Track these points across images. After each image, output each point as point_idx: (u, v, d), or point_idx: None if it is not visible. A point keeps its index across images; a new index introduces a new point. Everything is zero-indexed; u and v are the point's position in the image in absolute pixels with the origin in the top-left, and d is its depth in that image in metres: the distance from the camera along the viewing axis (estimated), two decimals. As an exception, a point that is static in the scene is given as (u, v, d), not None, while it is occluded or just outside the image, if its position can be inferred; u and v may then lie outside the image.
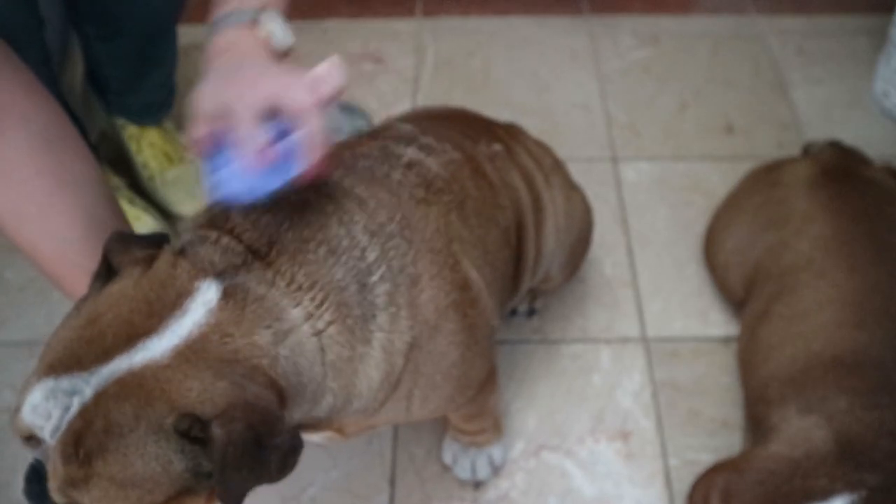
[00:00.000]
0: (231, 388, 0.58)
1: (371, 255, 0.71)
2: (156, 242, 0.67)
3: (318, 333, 0.66)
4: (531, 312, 1.29)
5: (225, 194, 0.67)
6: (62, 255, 0.82)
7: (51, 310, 1.32)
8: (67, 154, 0.84)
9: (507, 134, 1.08)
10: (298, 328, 0.65)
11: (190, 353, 0.59)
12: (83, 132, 1.31)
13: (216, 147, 0.68)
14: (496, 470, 1.12)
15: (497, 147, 1.00)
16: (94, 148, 1.41)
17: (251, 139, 0.65)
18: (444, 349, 0.76)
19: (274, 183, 0.66)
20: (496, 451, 1.11)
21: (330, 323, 0.67)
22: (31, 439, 0.60)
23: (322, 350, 0.66)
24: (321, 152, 0.66)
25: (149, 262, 0.64)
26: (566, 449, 1.16)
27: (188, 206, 1.44)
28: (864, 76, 1.72)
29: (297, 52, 0.78)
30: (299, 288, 0.66)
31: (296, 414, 0.66)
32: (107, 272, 0.65)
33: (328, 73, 0.67)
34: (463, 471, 1.11)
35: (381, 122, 1.03)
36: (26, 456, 0.66)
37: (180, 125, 1.56)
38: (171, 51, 1.34)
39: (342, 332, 0.67)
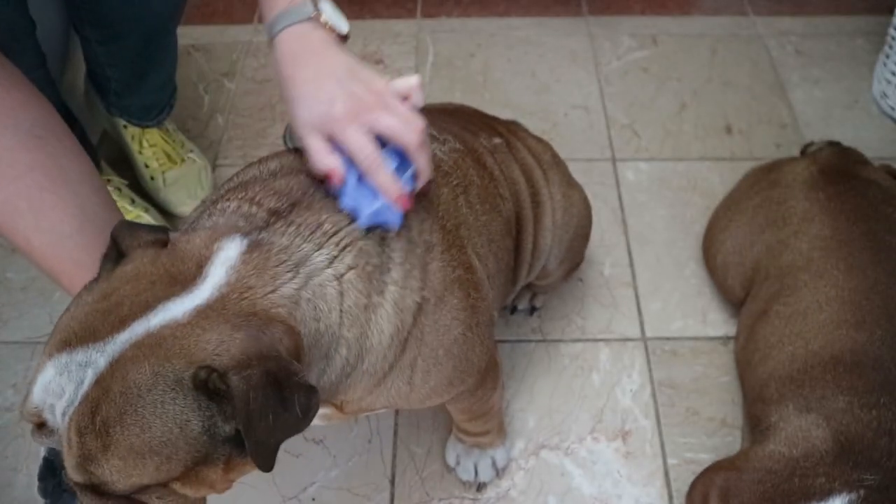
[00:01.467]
0: (247, 339, 0.59)
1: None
2: (161, 230, 0.68)
3: (339, 277, 0.68)
4: (532, 310, 1.30)
5: (377, 222, 0.72)
6: (57, 250, 0.83)
7: (52, 310, 1.33)
8: (58, 150, 0.85)
9: (507, 130, 1.10)
10: (322, 271, 0.67)
11: (209, 310, 0.60)
12: (84, 133, 1.31)
13: (350, 180, 0.73)
14: (499, 472, 1.12)
15: (497, 140, 1.02)
16: (96, 148, 1.41)
17: (392, 186, 0.72)
18: (448, 323, 0.77)
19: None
20: (499, 454, 1.11)
21: (350, 268, 0.69)
22: (42, 427, 0.60)
23: (341, 294, 0.68)
24: (427, 180, 0.76)
25: (159, 245, 0.65)
26: (566, 448, 1.16)
27: (189, 206, 1.44)
28: (863, 77, 1.72)
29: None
30: (324, 234, 0.69)
31: (310, 375, 0.67)
32: (116, 255, 0.66)
33: (416, 97, 0.75)
34: (465, 472, 1.11)
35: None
36: (26, 456, 0.66)
37: (181, 125, 1.57)
38: (171, 52, 1.34)
39: (360, 278, 0.69)
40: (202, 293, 0.61)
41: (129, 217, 1.33)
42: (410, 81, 0.75)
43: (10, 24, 1.00)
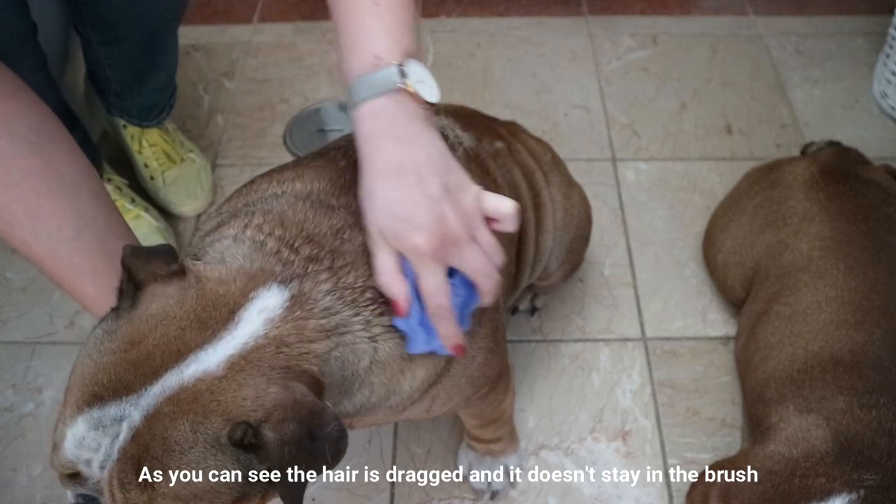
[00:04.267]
0: (280, 391, 0.58)
1: None
2: (168, 253, 0.64)
3: (373, 337, 0.67)
4: (533, 311, 1.30)
5: (426, 350, 0.70)
6: (56, 255, 0.83)
7: (52, 310, 1.33)
8: (56, 155, 0.84)
9: (508, 131, 1.09)
10: (355, 333, 0.65)
11: (245, 362, 0.58)
12: (86, 133, 1.31)
13: (415, 312, 0.69)
14: (512, 480, 1.11)
15: (499, 144, 1.01)
16: (97, 148, 1.41)
17: (454, 337, 0.68)
18: (474, 353, 0.77)
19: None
20: (512, 461, 1.10)
21: (387, 328, 0.67)
22: (74, 476, 0.59)
23: (375, 349, 0.67)
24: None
25: (178, 275, 0.62)
26: (566, 448, 1.16)
27: (188, 206, 1.44)
28: (863, 77, 1.72)
29: (298, 51, 0.78)
30: (364, 302, 0.66)
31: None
32: (133, 289, 0.63)
33: (507, 225, 0.69)
34: (478, 480, 1.10)
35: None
36: (26, 456, 0.66)
37: (181, 125, 1.57)
38: (171, 53, 1.34)
39: (395, 337, 0.68)
40: (235, 341, 0.59)
41: (128, 217, 1.33)
42: (504, 207, 0.68)
43: (11, 28, 0.99)
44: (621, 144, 1.59)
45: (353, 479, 1.13)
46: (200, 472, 0.56)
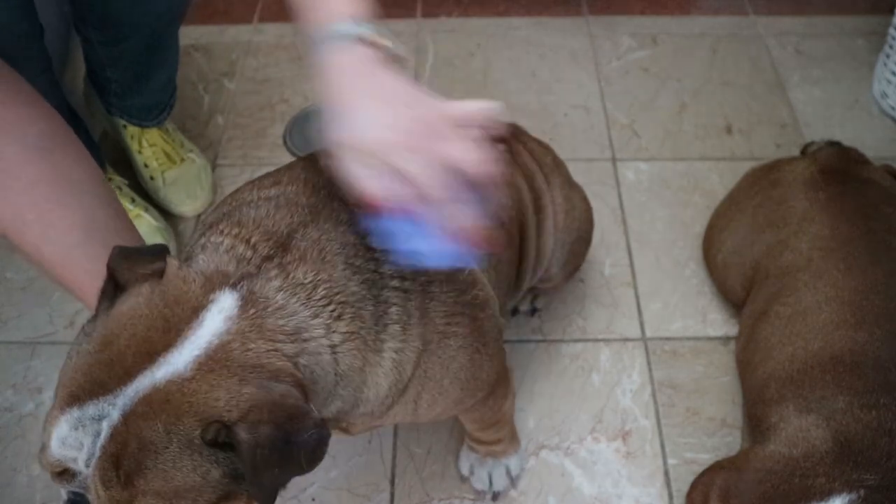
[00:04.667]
0: (257, 392, 0.58)
1: (385, 267, 0.70)
2: (159, 254, 0.65)
3: (334, 347, 0.66)
4: (533, 311, 1.30)
5: (446, 265, 0.65)
6: (66, 261, 0.83)
7: (52, 310, 1.33)
8: (65, 161, 0.85)
9: (509, 134, 1.09)
10: (317, 340, 0.65)
11: (212, 363, 0.59)
12: (88, 133, 1.31)
13: (398, 209, 0.64)
14: (513, 481, 1.11)
15: (499, 147, 1.01)
16: (98, 146, 1.41)
17: (467, 217, 0.62)
18: (454, 353, 0.76)
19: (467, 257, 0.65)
20: (513, 462, 1.10)
21: (345, 336, 0.66)
22: (64, 473, 0.60)
23: (336, 362, 0.66)
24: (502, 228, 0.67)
25: (156, 276, 0.63)
26: (566, 448, 1.16)
27: (188, 205, 1.44)
28: (863, 77, 1.72)
29: (298, 51, 0.79)
30: (319, 299, 0.65)
31: None
32: (113, 290, 0.64)
33: (494, 123, 0.65)
34: (480, 482, 1.10)
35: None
36: (26, 456, 0.66)
37: (181, 125, 1.57)
38: (172, 53, 1.34)
39: (356, 344, 0.67)
40: (200, 341, 0.59)
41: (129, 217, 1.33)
42: (485, 104, 0.65)
43: (19, 30, 1.00)
44: (621, 144, 1.59)
45: (354, 480, 1.13)
46: (178, 470, 0.56)
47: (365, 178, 0.63)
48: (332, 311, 0.66)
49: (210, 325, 0.60)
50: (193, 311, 0.61)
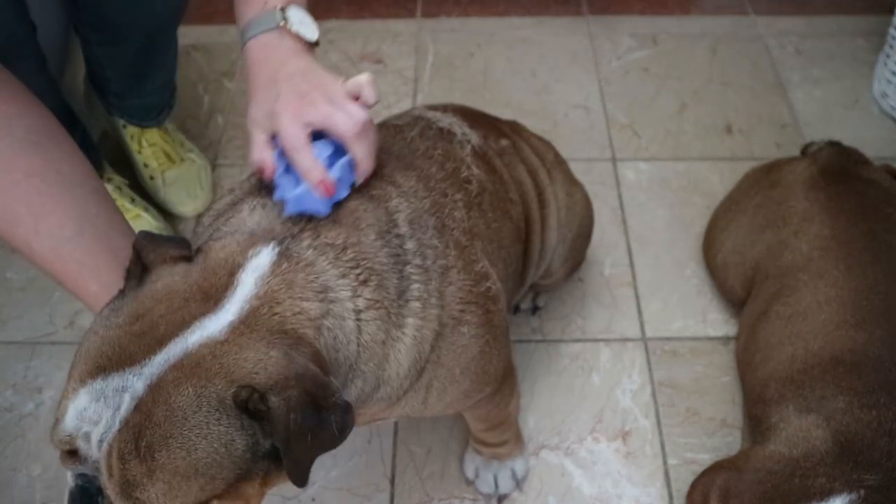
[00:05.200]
0: (283, 358, 0.58)
1: (410, 244, 0.73)
2: (182, 243, 0.67)
3: (358, 312, 0.67)
4: (535, 310, 1.29)
5: (300, 210, 0.72)
6: (58, 254, 0.83)
7: (52, 310, 1.33)
8: (56, 155, 0.85)
9: (511, 130, 1.09)
10: (342, 302, 0.66)
11: (244, 327, 0.59)
12: (86, 133, 1.31)
13: (279, 168, 0.75)
14: (519, 483, 1.11)
15: (504, 142, 1.01)
16: (97, 148, 1.41)
17: (313, 169, 0.71)
18: (466, 342, 0.77)
19: (336, 198, 0.74)
20: (518, 464, 1.10)
21: (369, 302, 0.68)
22: (73, 454, 0.59)
23: (359, 329, 0.67)
24: (367, 172, 0.75)
25: (185, 260, 0.64)
26: (566, 448, 1.16)
27: (188, 205, 1.44)
28: (863, 77, 1.72)
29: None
30: (347, 261, 0.68)
31: None
32: (140, 271, 0.65)
33: (366, 93, 0.75)
34: (485, 485, 1.09)
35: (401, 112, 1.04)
36: (26, 456, 0.66)
37: (181, 125, 1.57)
38: (171, 53, 1.34)
39: (379, 314, 0.69)
40: (233, 306, 0.60)
41: (128, 216, 1.33)
42: (360, 79, 0.75)
43: (10, 30, 1.00)
44: (621, 144, 1.59)
45: (354, 480, 1.13)
46: (203, 438, 0.56)
47: (254, 146, 0.75)
48: (359, 274, 0.68)
49: (244, 287, 0.62)
50: (230, 276, 0.62)
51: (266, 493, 0.63)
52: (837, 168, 1.20)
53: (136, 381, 0.56)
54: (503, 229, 0.90)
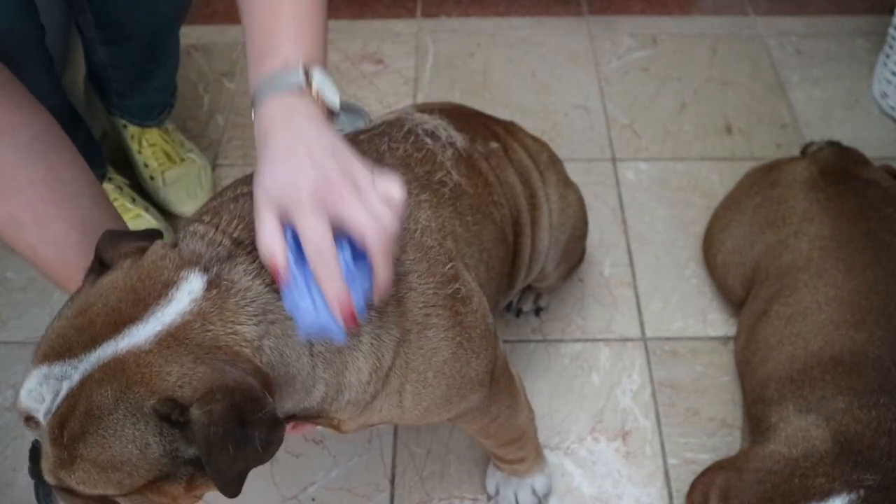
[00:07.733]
0: (211, 373, 0.59)
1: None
2: (147, 237, 0.68)
3: None
4: (537, 311, 1.29)
5: (312, 327, 0.64)
6: (62, 260, 0.84)
7: (52, 310, 1.33)
8: (58, 163, 0.86)
9: (505, 130, 1.09)
10: (284, 321, 0.65)
11: (171, 339, 0.60)
12: (89, 134, 1.31)
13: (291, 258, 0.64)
14: (541, 501, 1.09)
15: (494, 145, 1.01)
16: (100, 144, 1.41)
17: (342, 296, 0.62)
18: (435, 345, 0.75)
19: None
20: (538, 481, 1.08)
21: None
22: (31, 420, 0.63)
23: (310, 342, 0.67)
24: (386, 290, 0.65)
25: (139, 253, 0.66)
26: (566, 448, 1.16)
27: (188, 205, 1.44)
28: (863, 77, 1.72)
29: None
30: None
31: (287, 403, 0.67)
32: (99, 268, 0.67)
33: (394, 195, 0.65)
34: (506, 502, 1.08)
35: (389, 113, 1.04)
36: (26, 456, 0.68)
37: (181, 125, 1.57)
38: (173, 53, 1.34)
39: None
40: (165, 317, 0.61)
41: (128, 216, 1.33)
42: (393, 191, 0.65)
43: (22, 32, 1.00)
44: (621, 144, 1.59)
45: (354, 480, 1.13)
46: (117, 439, 0.58)
47: (264, 230, 0.64)
48: None
49: (176, 302, 0.62)
50: (163, 287, 0.63)
51: (198, 497, 0.65)
52: (837, 168, 1.20)
53: (73, 373, 0.60)
54: (484, 232, 0.89)
